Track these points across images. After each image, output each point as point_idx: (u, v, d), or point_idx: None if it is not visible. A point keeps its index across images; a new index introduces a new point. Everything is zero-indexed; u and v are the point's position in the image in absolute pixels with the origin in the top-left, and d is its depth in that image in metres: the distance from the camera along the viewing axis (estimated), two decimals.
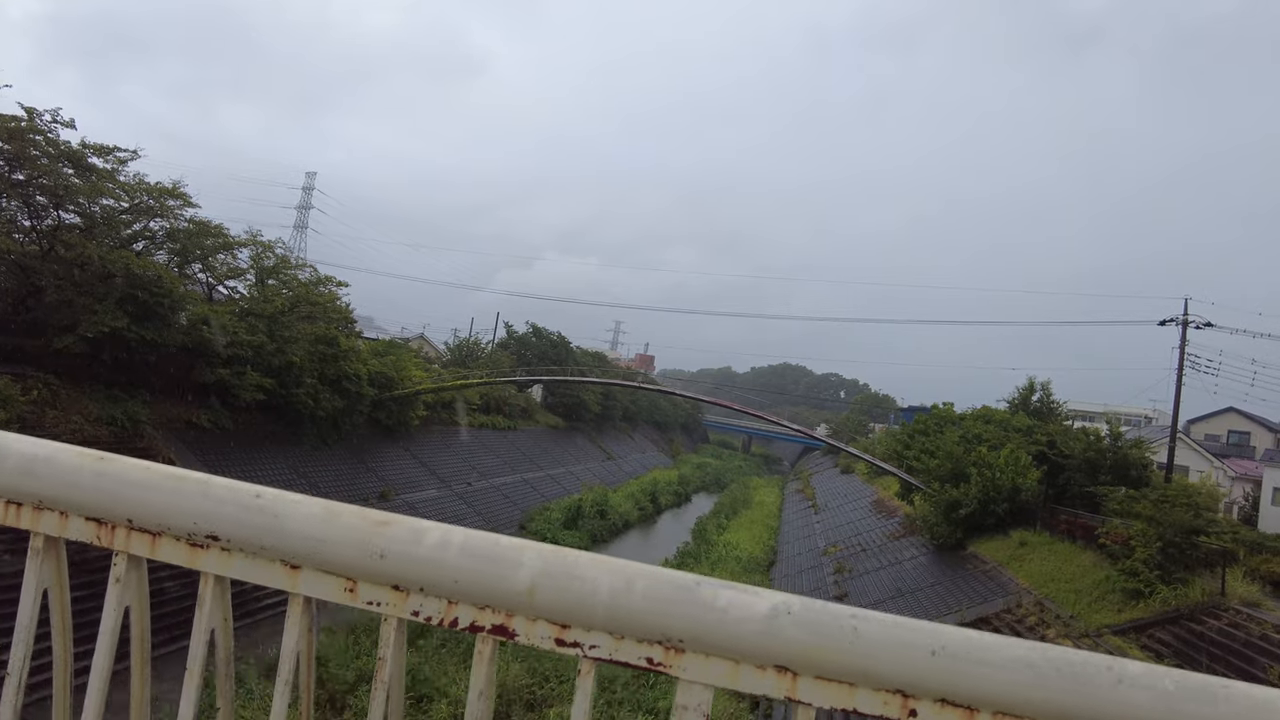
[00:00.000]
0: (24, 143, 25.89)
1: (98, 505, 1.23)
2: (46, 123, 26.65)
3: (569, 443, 65.69)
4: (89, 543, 1.26)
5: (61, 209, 27.85)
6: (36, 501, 1.25)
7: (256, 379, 29.53)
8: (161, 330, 26.43)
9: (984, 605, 22.63)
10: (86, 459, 1.25)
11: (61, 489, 1.24)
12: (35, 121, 26.42)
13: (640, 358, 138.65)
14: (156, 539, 1.22)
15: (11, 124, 25.58)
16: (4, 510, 1.27)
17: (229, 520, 1.18)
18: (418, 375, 42.22)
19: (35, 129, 26.27)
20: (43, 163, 26.52)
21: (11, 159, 26.26)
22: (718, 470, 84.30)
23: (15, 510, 1.27)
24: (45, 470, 1.24)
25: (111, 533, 1.24)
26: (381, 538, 1.16)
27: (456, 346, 63.81)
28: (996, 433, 33.63)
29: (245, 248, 34.51)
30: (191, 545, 1.21)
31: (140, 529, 1.23)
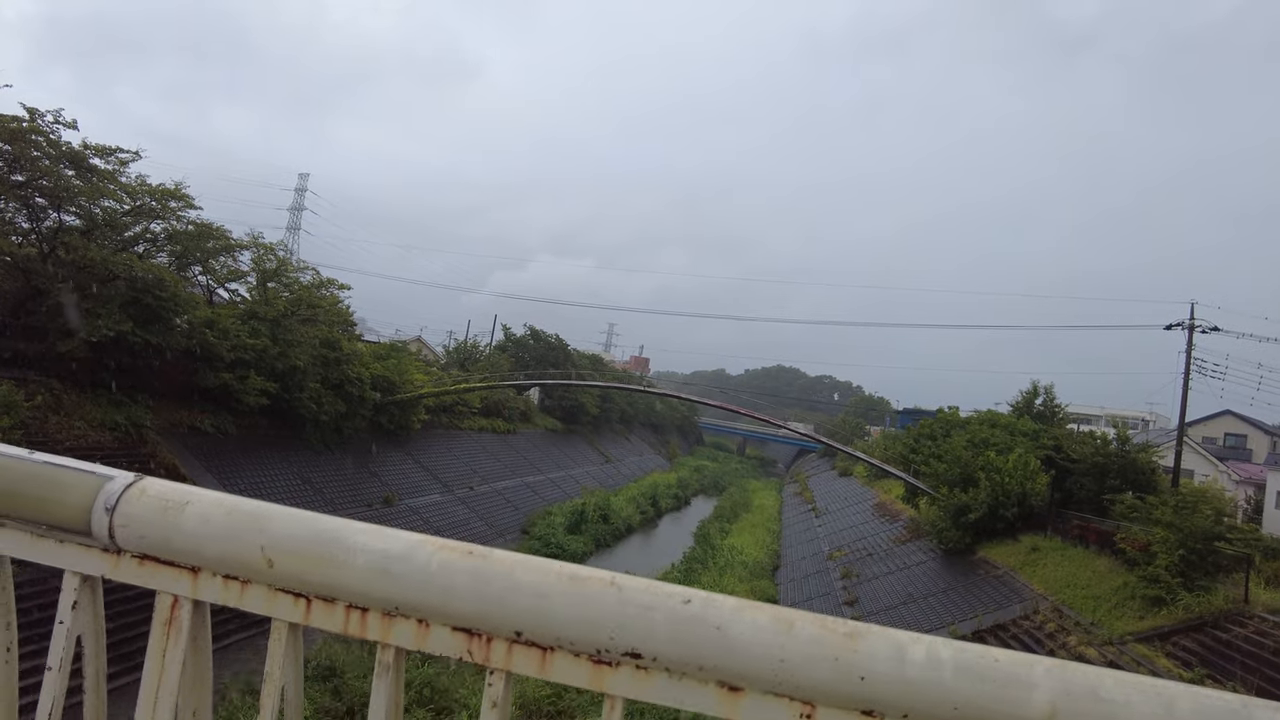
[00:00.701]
0: (25, 144, 25.50)
1: (475, 614, 1.01)
2: (48, 123, 26.22)
3: (568, 446, 65.40)
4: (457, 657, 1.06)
5: (62, 210, 27.45)
6: (390, 607, 1.04)
7: (260, 383, 29.18)
8: (165, 334, 26.06)
9: (1000, 611, 22.51)
10: (455, 554, 1.03)
11: (426, 593, 1.02)
12: (37, 122, 26.03)
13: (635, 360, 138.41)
14: (549, 654, 1.01)
15: (12, 124, 25.19)
16: (346, 617, 1.06)
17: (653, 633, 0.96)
18: (419, 379, 41.90)
19: (37, 129, 25.86)
20: (44, 164, 26.10)
21: (12, 160, 25.85)
22: (715, 473, 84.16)
23: (360, 617, 1.05)
24: (402, 569, 1.02)
25: (488, 646, 1.02)
26: (856, 654, 0.97)
27: (455, 349, 63.45)
28: (1003, 437, 33.55)
29: (246, 250, 34.17)
30: (596, 663, 0.99)
31: (530, 643, 1.01)
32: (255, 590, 1.06)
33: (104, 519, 1.07)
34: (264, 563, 1.04)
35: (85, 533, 1.08)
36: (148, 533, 1.07)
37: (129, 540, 1.07)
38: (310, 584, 1.05)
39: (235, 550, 1.05)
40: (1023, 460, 30.60)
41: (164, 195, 29.36)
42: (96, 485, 1.10)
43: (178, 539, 1.06)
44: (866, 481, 60.35)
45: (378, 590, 1.02)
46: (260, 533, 1.04)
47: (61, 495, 1.09)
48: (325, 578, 1.03)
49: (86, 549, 1.10)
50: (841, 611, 28.67)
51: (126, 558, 1.09)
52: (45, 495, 1.09)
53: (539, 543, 36.62)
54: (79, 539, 1.10)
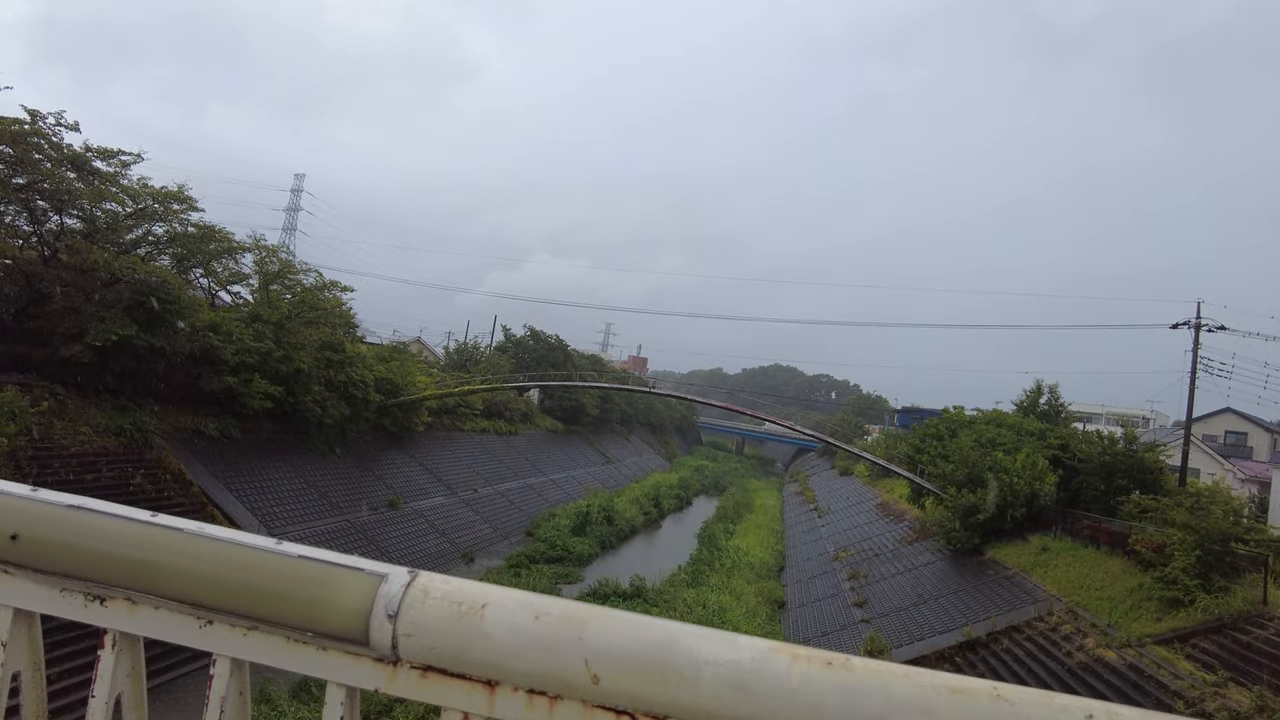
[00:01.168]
0: (27, 146, 25.26)
1: None
2: (50, 125, 25.99)
3: (569, 446, 65.25)
4: None
5: (64, 213, 27.20)
6: None
7: (264, 386, 28.95)
8: (170, 338, 25.82)
9: (1013, 613, 22.41)
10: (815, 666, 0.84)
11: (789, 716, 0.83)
12: (39, 124, 25.80)
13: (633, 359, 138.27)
14: None
15: (14, 127, 24.95)
16: None
17: None
18: (422, 381, 41.68)
19: (38, 132, 25.63)
20: (45, 166, 25.87)
21: (13, 162, 25.60)
22: (715, 473, 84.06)
23: None
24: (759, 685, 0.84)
25: None
26: None
27: (455, 350, 63.21)
28: (1010, 437, 33.49)
29: (249, 252, 33.95)
30: None
31: None
32: (568, 707, 0.88)
33: (386, 627, 0.90)
34: (587, 678, 0.86)
35: (361, 641, 0.91)
36: (438, 643, 0.90)
37: (414, 651, 0.90)
38: (641, 701, 0.86)
39: (550, 662, 0.87)
40: (1030, 460, 30.54)
41: (166, 197, 29.14)
42: (372, 586, 0.93)
43: (476, 649, 0.89)
44: (868, 481, 60.23)
45: (728, 711, 0.83)
46: (580, 641, 0.86)
47: (333, 598, 0.93)
48: (662, 695, 0.85)
49: (356, 658, 0.94)
50: (851, 613, 28.60)
51: (406, 669, 0.92)
52: (313, 598, 0.93)
53: (544, 544, 36.45)
54: (349, 647, 0.93)
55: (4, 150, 25.16)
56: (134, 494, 22.54)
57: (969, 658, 21.16)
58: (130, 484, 22.75)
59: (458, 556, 33.50)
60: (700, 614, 25.75)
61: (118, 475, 22.69)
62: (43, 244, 27.31)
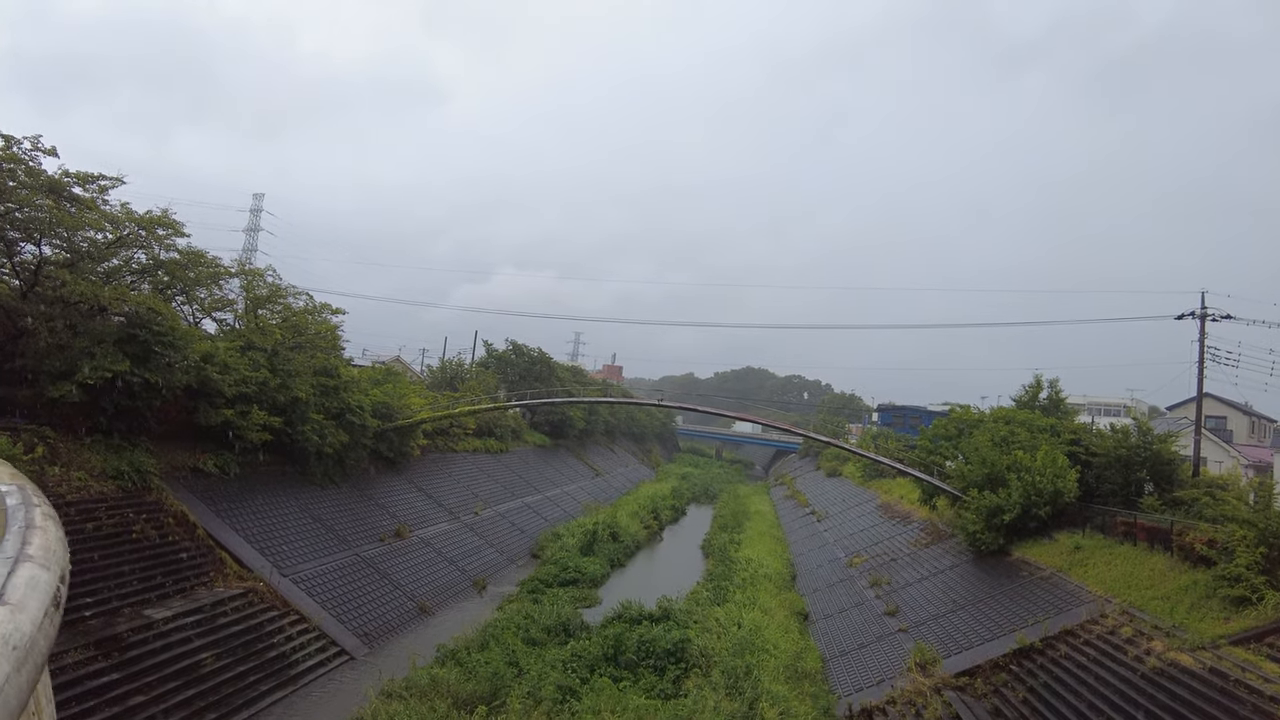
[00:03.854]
0: (2, 174, 23.64)
1: None
2: (26, 151, 24.42)
3: (558, 461, 64.08)
4: None
5: (43, 243, 25.55)
6: None
7: (263, 417, 27.52)
8: (165, 372, 24.33)
9: (1062, 616, 21.94)
10: None
11: None
12: (13, 149, 24.18)
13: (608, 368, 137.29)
14: None
15: None
16: None
17: None
18: (416, 403, 40.32)
19: (14, 158, 24.02)
20: (22, 194, 24.25)
21: None
22: (702, 480, 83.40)
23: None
24: None
25: None
26: None
27: (439, 368, 61.67)
28: (1025, 434, 33.29)
29: (235, 277, 32.44)
30: None
31: None
32: None
33: None
34: None
35: None
36: None
37: None
38: None
39: None
40: (1050, 457, 30.27)
41: (150, 223, 27.59)
42: None
43: None
44: (862, 482, 59.99)
45: None
46: None
47: None
48: None
49: None
50: (884, 623, 27.99)
51: None
52: None
53: (555, 567, 35.31)
54: None
55: None
56: (137, 542, 21.05)
57: (1026, 666, 20.62)
58: (132, 531, 21.22)
59: (469, 585, 32.24)
60: (738, 635, 24.90)
61: (119, 522, 21.15)
62: (19, 275, 25.63)
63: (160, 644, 18.42)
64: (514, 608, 28.33)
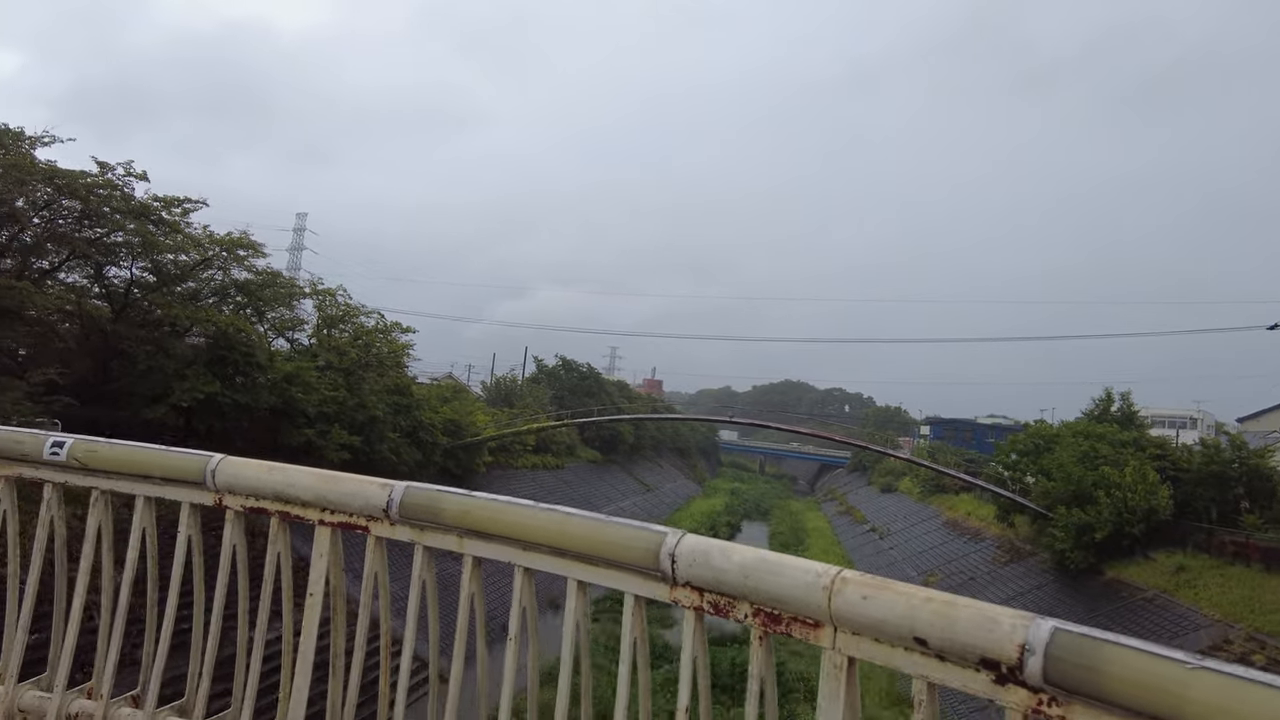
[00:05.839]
0: (98, 199, 24.03)
1: None
2: (119, 176, 24.85)
3: (610, 477, 63.83)
4: None
5: (134, 266, 25.97)
6: None
7: (343, 436, 27.62)
8: (253, 392, 24.51)
9: (1178, 640, 21.06)
10: None
11: None
12: (107, 176, 24.62)
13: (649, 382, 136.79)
14: None
15: (85, 180, 23.77)
16: None
17: None
18: (481, 420, 40.34)
19: (109, 184, 24.44)
20: (115, 218, 24.66)
21: (83, 216, 24.41)
22: (751, 495, 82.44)
23: None
24: None
25: None
26: None
27: (494, 385, 61.88)
28: (1108, 449, 32.29)
29: (309, 297, 32.72)
30: None
31: None
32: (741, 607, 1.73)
33: (668, 562, 1.75)
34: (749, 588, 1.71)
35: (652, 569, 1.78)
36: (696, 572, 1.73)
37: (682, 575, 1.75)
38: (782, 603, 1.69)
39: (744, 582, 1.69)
40: (1141, 473, 29.32)
41: (233, 244, 27.94)
42: (659, 538, 1.78)
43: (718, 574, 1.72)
44: (921, 498, 58.85)
45: None
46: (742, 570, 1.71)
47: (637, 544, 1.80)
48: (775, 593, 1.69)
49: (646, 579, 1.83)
50: None
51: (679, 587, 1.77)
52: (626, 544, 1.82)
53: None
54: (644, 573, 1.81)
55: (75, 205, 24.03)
56: None
57: None
58: None
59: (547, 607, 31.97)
60: None
61: None
62: (112, 298, 26.06)
63: None
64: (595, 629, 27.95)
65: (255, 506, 2.37)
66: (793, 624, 1.64)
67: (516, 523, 2.00)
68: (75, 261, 25.36)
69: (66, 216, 24.51)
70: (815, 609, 1.59)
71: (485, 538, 2.09)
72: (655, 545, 1.76)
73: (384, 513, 2.18)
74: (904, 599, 1.49)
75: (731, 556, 1.71)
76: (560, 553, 1.94)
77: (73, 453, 2.48)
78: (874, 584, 1.54)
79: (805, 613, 1.62)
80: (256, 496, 2.36)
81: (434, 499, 2.14)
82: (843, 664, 1.60)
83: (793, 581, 1.62)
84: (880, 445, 64.54)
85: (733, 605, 1.73)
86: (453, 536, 2.14)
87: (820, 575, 1.59)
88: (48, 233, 24.18)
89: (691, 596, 1.77)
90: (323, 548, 2.34)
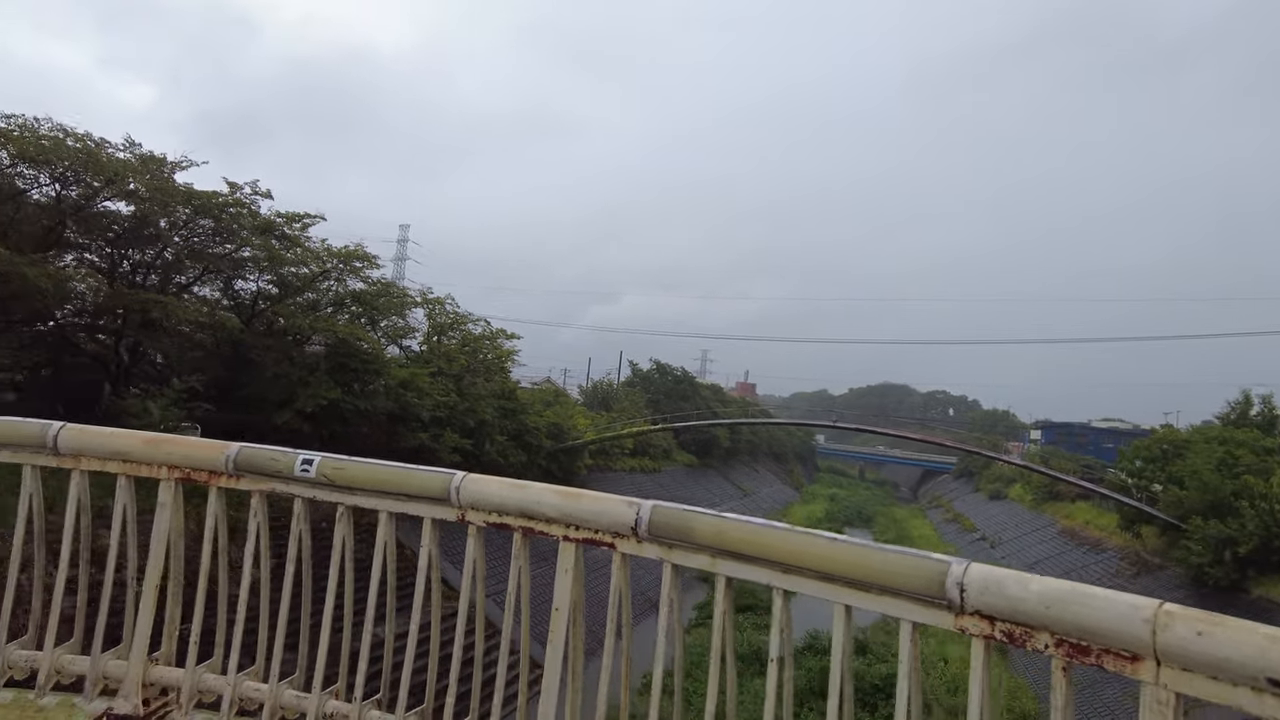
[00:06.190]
0: (229, 217, 25.58)
1: None
2: (247, 195, 26.35)
3: (707, 481, 63.57)
4: None
5: (260, 278, 27.53)
6: None
7: (455, 440, 28.47)
8: (374, 398, 25.56)
9: None
10: None
11: None
12: (237, 195, 26.16)
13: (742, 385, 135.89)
14: None
15: (217, 199, 25.33)
16: None
17: None
18: (582, 424, 40.90)
19: (239, 203, 25.95)
20: (244, 235, 26.18)
21: (215, 233, 26.02)
22: (853, 502, 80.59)
23: None
24: None
25: None
26: None
27: (591, 389, 62.72)
28: (1249, 456, 29.95)
29: (420, 306, 33.91)
30: None
31: None
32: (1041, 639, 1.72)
33: (955, 590, 1.75)
34: None
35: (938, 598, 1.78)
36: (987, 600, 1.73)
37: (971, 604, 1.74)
38: None
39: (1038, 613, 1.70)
40: None
41: (349, 256, 29.19)
42: (944, 567, 1.79)
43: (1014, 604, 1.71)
44: (1033, 506, 56.22)
45: None
46: None
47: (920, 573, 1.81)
48: None
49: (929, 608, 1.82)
50: None
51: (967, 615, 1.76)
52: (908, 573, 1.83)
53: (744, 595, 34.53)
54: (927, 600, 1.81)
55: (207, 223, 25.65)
56: None
57: None
58: None
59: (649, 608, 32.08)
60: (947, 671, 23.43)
61: None
62: (240, 309, 27.68)
63: None
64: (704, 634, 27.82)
65: (498, 522, 2.46)
66: (1104, 656, 1.62)
67: (776, 545, 2.01)
68: (208, 276, 27.10)
69: (201, 234, 26.22)
70: (1134, 642, 1.56)
71: (741, 559, 2.09)
72: (940, 573, 1.78)
73: (631, 530, 2.26)
74: (1248, 636, 1.44)
75: (1029, 585, 1.70)
76: (826, 577, 1.96)
77: (321, 470, 2.67)
78: (1207, 619, 1.49)
79: (1121, 645, 1.59)
80: (499, 512, 2.46)
81: (685, 519, 2.18)
82: (1169, 700, 1.56)
83: (1105, 614, 1.60)
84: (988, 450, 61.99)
85: (1030, 635, 1.71)
86: (704, 556, 2.15)
87: (1139, 608, 1.56)
88: (186, 250, 25.93)
89: (981, 625, 1.76)
90: (567, 563, 2.43)
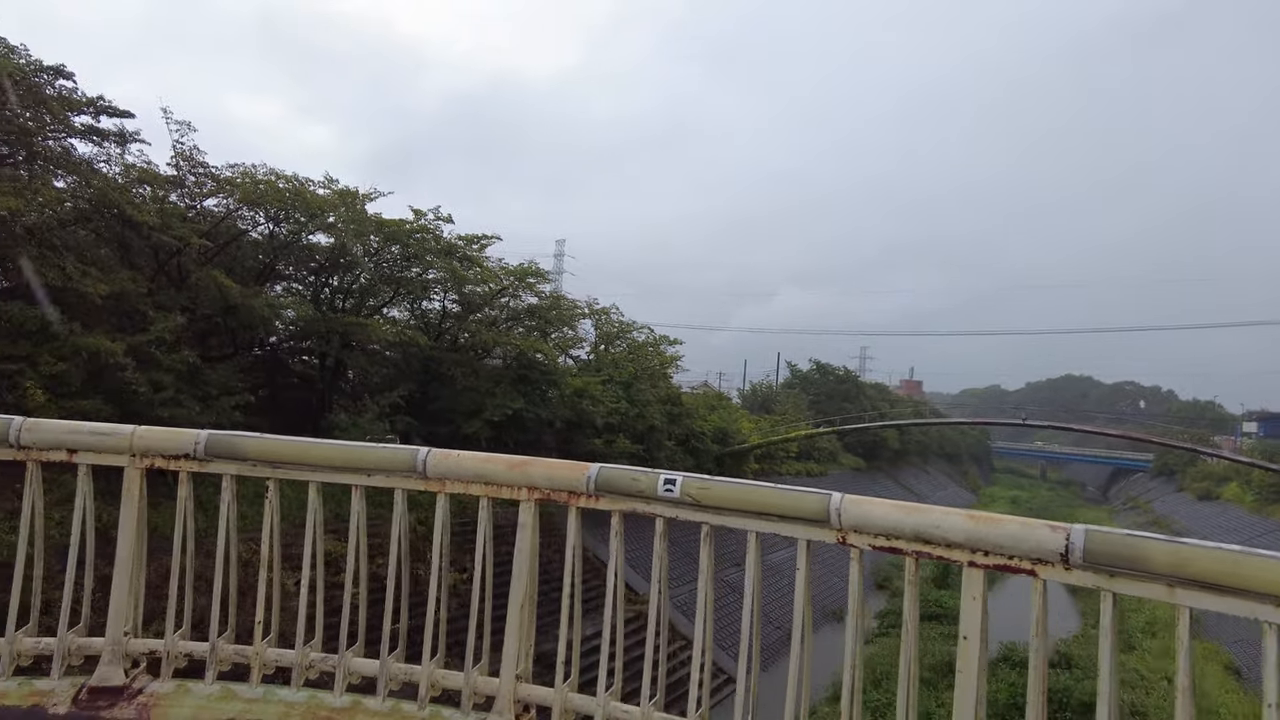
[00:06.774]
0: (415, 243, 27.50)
1: None
2: (431, 221, 28.22)
3: (875, 484, 61.44)
4: None
5: (445, 298, 29.38)
6: None
7: (626, 445, 29.14)
8: (550, 407, 26.64)
9: None
10: None
11: None
12: (421, 221, 28.08)
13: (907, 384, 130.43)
14: None
15: (404, 226, 27.30)
16: None
17: None
18: (746, 428, 40.72)
19: (424, 228, 27.84)
20: (429, 258, 28.03)
21: (403, 257, 28.03)
22: (1036, 504, 75.41)
23: None
24: None
25: None
26: None
27: (751, 392, 62.36)
28: None
29: (588, 317, 35.04)
30: None
31: None
32: None
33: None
34: None
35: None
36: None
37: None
38: None
39: None
40: None
41: (523, 274, 30.56)
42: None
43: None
44: (1254, 507, 50.38)
45: None
46: None
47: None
48: None
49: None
50: None
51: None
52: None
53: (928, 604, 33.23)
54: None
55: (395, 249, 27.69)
56: None
57: None
58: None
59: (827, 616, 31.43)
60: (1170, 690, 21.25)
61: None
62: (426, 328, 29.65)
63: None
64: (888, 643, 26.91)
65: (887, 546, 2.33)
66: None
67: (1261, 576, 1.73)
68: (398, 298, 29.25)
69: (391, 260, 28.37)
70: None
71: (1218, 590, 1.82)
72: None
73: (1060, 557, 2.01)
74: None
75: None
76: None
77: (685, 489, 2.65)
78: None
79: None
80: (888, 536, 2.33)
81: (1133, 545, 1.93)
82: None
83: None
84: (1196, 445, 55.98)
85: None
86: (1159, 586, 1.91)
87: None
88: (378, 274, 28.14)
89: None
90: (975, 590, 2.22)
